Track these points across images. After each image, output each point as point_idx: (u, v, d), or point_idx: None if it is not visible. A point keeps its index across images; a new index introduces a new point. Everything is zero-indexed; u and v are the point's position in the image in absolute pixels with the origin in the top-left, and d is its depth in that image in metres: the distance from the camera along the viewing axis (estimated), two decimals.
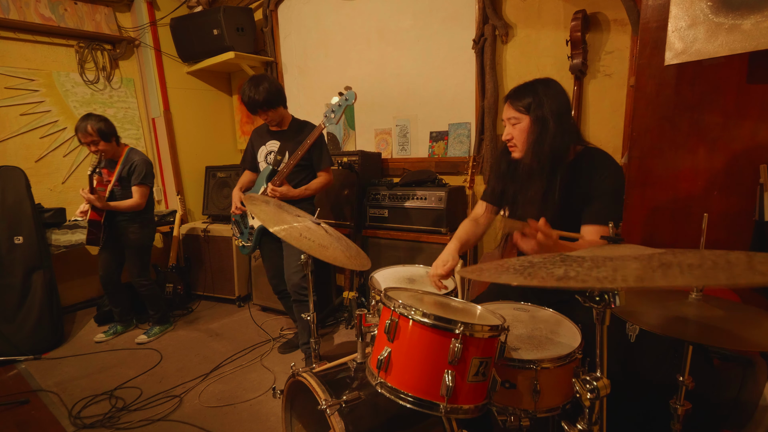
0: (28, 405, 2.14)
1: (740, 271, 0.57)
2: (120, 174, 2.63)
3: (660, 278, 0.57)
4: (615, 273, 0.64)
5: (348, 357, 1.41)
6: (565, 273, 0.67)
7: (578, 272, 0.67)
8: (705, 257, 0.66)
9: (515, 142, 1.41)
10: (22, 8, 3.04)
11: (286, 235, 1.38)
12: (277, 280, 2.50)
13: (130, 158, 2.65)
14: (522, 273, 0.72)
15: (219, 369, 2.43)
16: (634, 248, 0.82)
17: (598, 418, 0.82)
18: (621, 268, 0.66)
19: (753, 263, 0.61)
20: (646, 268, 0.64)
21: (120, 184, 2.65)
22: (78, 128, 2.52)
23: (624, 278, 0.61)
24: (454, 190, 2.55)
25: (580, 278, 0.64)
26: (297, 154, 2.18)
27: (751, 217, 1.44)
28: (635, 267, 0.65)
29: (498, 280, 0.74)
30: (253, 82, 2.17)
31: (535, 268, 0.75)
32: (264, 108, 2.19)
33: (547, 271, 0.70)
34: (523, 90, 1.38)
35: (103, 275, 2.78)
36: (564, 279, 0.64)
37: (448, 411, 0.97)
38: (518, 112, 1.37)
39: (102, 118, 2.56)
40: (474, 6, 2.54)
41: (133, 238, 2.71)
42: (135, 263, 2.77)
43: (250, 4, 3.70)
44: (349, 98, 2.12)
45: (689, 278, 0.57)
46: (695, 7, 1.34)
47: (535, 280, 0.67)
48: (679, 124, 1.56)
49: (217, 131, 4.21)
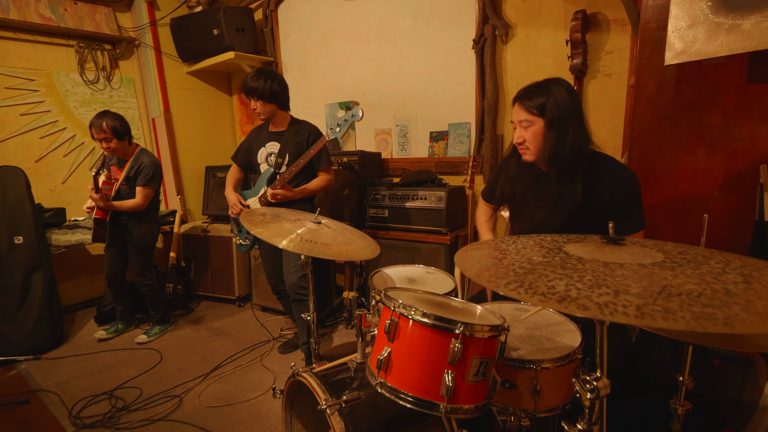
0: (28, 405, 2.14)
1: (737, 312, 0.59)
2: (128, 174, 2.64)
3: (660, 318, 0.60)
4: (616, 300, 0.65)
5: (348, 357, 1.41)
6: (566, 291, 0.68)
7: (579, 292, 0.68)
8: (703, 280, 0.68)
9: (528, 145, 1.34)
10: (22, 8, 3.04)
11: (294, 247, 1.37)
12: (276, 280, 2.49)
13: (139, 159, 2.66)
14: (522, 284, 0.73)
15: (219, 369, 2.43)
16: (634, 252, 0.81)
17: (598, 418, 0.82)
18: (622, 291, 0.67)
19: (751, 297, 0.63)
20: (647, 294, 0.65)
21: (127, 184, 2.66)
22: (92, 124, 2.52)
23: (625, 309, 0.63)
24: (454, 190, 2.55)
25: (581, 302, 0.65)
26: (299, 162, 2.18)
27: (751, 217, 1.44)
28: (636, 292, 0.66)
29: (497, 290, 0.74)
30: (266, 73, 2.18)
31: (535, 274, 0.75)
32: (261, 98, 2.18)
33: (547, 285, 0.71)
34: (534, 90, 1.31)
35: (109, 273, 2.79)
36: (566, 301, 0.66)
37: (448, 411, 0.97)
38: (530, 114, 1.30)
39: (118, 117, 2.58)
40: (474, 6, 2.54)
41: (138, 237, 2.73)
42: (137, 262, 2.77)
43: (250, 4, 3.70)
44: (355, 114, 2.11)
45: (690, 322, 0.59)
46: (695, 7, 1.34)
47: (536, 297, 0.69)
48: (679, 124, 1.56)
49: (217, 131, 4.21)
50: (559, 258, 0.81)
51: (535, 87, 1.32)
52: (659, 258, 0.77)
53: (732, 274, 0.70)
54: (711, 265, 0.74)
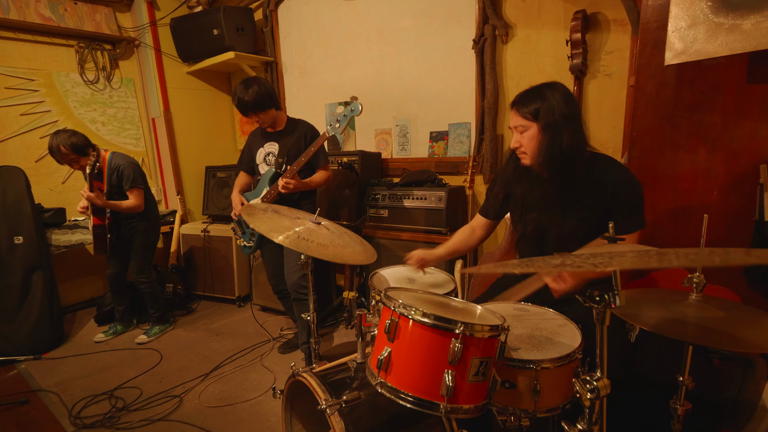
0: (28, 405, 2.14)
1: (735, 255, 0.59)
2: (110, 182, 2.59)
3: (655, 262, 0.59)
4: (611, 260, 0.65)
5: (348, 357, 1.41)
6: (562, 262, 0.69)
7: (574, 261, 0.68)
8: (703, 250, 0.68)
9: (524, 149, 1.36)
10: (22, 8, 3.04)
11: (290, 243, 1.38)
12: (276, 280, 2.50)
13: (115, 163, 2.60)
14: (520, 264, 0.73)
15: (219, 369, 2.43)
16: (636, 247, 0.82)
17: (598, 418, 0.82)
18: (618, 256, 0.67)
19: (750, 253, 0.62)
20: (642, 257, 0.65)
21: (111, 191, 2.60)
22: (51, 151, 2.45)
23: (620, 263, 0.62)
24: (454, 190, 2.55)
25: (576, 264, 0.65)
26: (300, 161, 2.19)
27: (751, 217, 1.44)
28: (632, 255, 0.67)
29: (497, 270, 0.75)
30: (243, 85, 2.18)
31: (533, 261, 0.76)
32: (254, 110, 2.20)
33: (544, 261, 0.71)
34: (529, 95, 1.33)
35: (110, 273, 2.78)
36: (560, 266, 0.66)
37: (448, 411, 0.97)
38: (525, 119, 1.32)
39: (72, 132, 2.49)
40: (474, 6, 2.54)
41: (141, 234, 2.74)
42: (138, 260, 2.77)
43: (250, 4, 3.70)
44: (354, 109, 2.11)
45: (684, 261, 0.58)
46: (695, 7, 1.34)
47: (532, 267, 0.69)
48: (679, 124, 1.56)
49: (217, 131, 4.21)
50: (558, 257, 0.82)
51: (531, 92, 1.34)
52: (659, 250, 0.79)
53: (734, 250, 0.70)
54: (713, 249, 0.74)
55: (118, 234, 2.69)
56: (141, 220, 2.73)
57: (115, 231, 2.67)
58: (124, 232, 2.71)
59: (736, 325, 0.97)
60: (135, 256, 2.76)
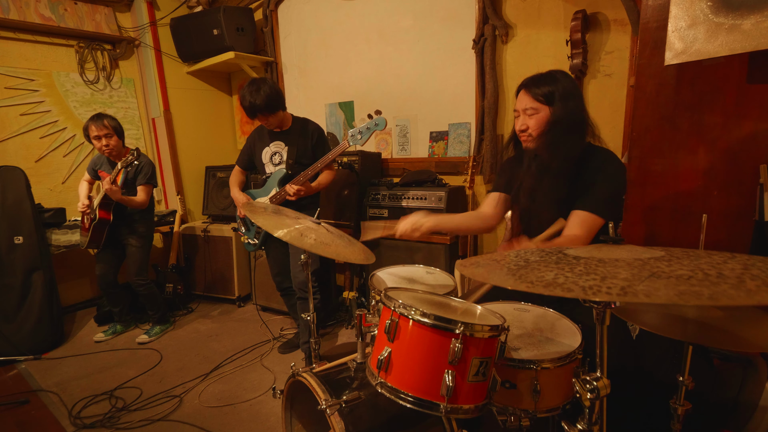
0: (28, 405, 2.14)
1: (725, 290, 0.57)
2: (126, 175, 2.66)
3: (643, 295, 0.58)
4: (602, 283, 0.64)
5: (348, 357, 1.41)
6: (554, 279, 0.68)
7: (567, 278, 0.67)
8: (698, 268, 0.66)
9: (531, 132, 1.36)
10: (22, 8, 3.04)
11: (290, 238, 1.39)
12: (281, 278, 2.50)
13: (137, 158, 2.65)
14: (515, 275, 0.73)
15: (219, 369, 2.43)
16: (634, 250, 0.82)
17: (598, 418, 0.82)
18: (610, 276, 0.66)
19: (745, 278, 0.61)
20: (635, 279, 0.64)
21: (125, 185, 2.67)
22: (91, 123, 2.54)
23: (609, 290, 0.62)
24: (454, 190, 2.54)
25: (566, 286, 0.65)
26: (316, 166, 2.21)
27: (751, 217, 1.44)
28: (624, 276, 0.65)
29: (490, 281, 0.75)
30: (253, 87, 2.12)
31: (529, 268, 0.75)
32: (265, 113, 2.17)
33: (537, 276, 0.71)
34: (541, 79, 1.34)
35: (100, 275, 2.78)
36: (551, 286, 0.65)
37: (448, 411, 0.97)
38: (537, 101, 1.32)
39: (114, 118, 2.64)
40: (474, 6, 2.54)
41: (141, 232, 2.76)
42: (135, 261, 2.77)
43: (250, 4, 3.70)
44: (379, 123, 2.10)
45: (672, 296, 0.57)
46: (695, 7, 1.34)
47: (523, 284, 0.68)
48: (679, 124, 1.55)
49: (217, 131, 4.21)
50: (556, 257, 0.82)
51: (542, 76, 1.36)
52: (658, 254, 0.77)
53: (733, 263, 0.68)
54: (713, 258, 0.73)
55: (115, 229, 2.71)
56: (139, 221, 2.74)
57: (115, 225, 2.69)
58: (125, 224, 2.73)
59: (736, 325, 0.97)
60: (133, 256, 2.77)
